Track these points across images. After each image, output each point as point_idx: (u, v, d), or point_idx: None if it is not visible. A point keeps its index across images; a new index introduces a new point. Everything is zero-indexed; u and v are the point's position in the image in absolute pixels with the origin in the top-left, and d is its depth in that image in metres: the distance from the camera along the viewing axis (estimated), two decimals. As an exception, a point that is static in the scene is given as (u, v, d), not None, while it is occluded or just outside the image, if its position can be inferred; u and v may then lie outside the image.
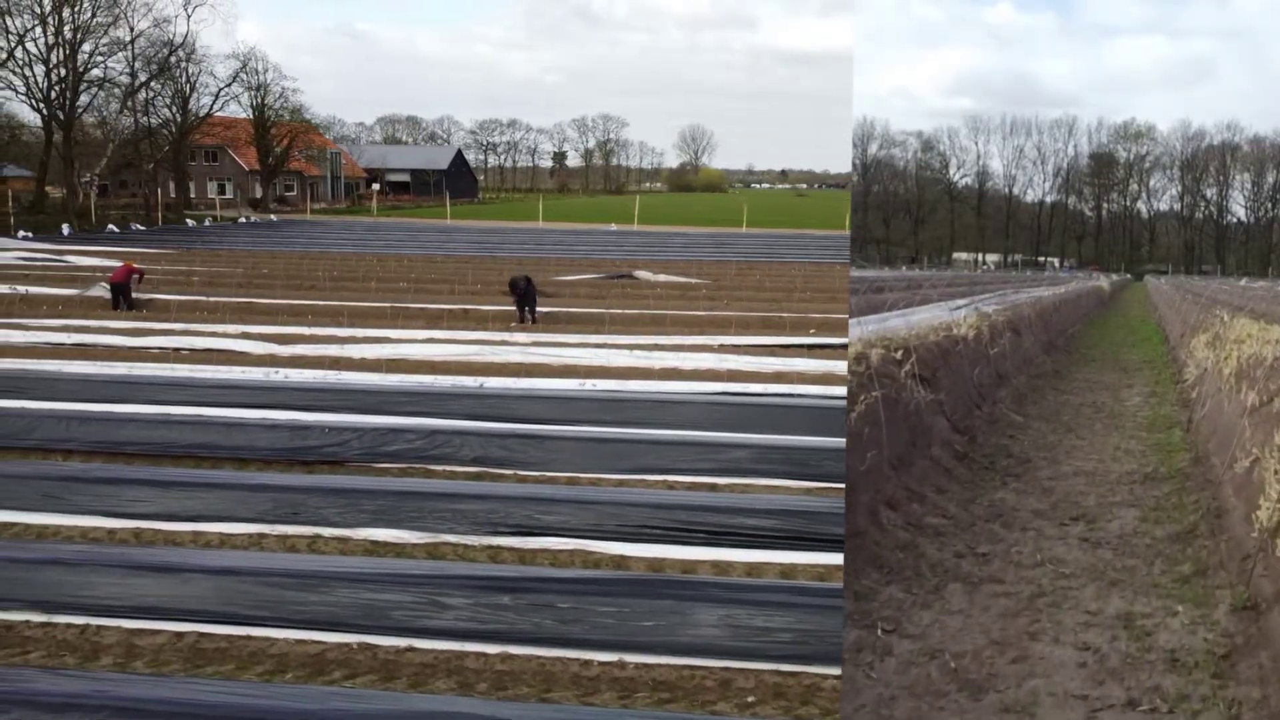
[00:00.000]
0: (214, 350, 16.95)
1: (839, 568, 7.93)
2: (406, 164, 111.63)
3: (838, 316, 21.87)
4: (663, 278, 30.80)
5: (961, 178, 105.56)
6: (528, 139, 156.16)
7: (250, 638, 6.90)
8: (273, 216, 69.49)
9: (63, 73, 54.93)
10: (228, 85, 69.32)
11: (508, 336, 18.68)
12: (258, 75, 74.87)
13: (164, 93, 63.72)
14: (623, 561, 8.33)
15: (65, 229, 46.69)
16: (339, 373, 14.97)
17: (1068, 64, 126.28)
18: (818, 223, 71.74)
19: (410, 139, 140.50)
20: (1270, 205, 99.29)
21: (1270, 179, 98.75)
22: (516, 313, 21.22)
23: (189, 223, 58.98)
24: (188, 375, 14.56)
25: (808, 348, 18.21)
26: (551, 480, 10.31)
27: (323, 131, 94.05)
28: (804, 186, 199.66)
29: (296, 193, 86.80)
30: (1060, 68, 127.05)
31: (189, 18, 72.34)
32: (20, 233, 43.89)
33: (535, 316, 21.12)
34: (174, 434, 11.27)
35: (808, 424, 11.93)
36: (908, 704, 4.79)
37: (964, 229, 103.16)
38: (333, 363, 15.74)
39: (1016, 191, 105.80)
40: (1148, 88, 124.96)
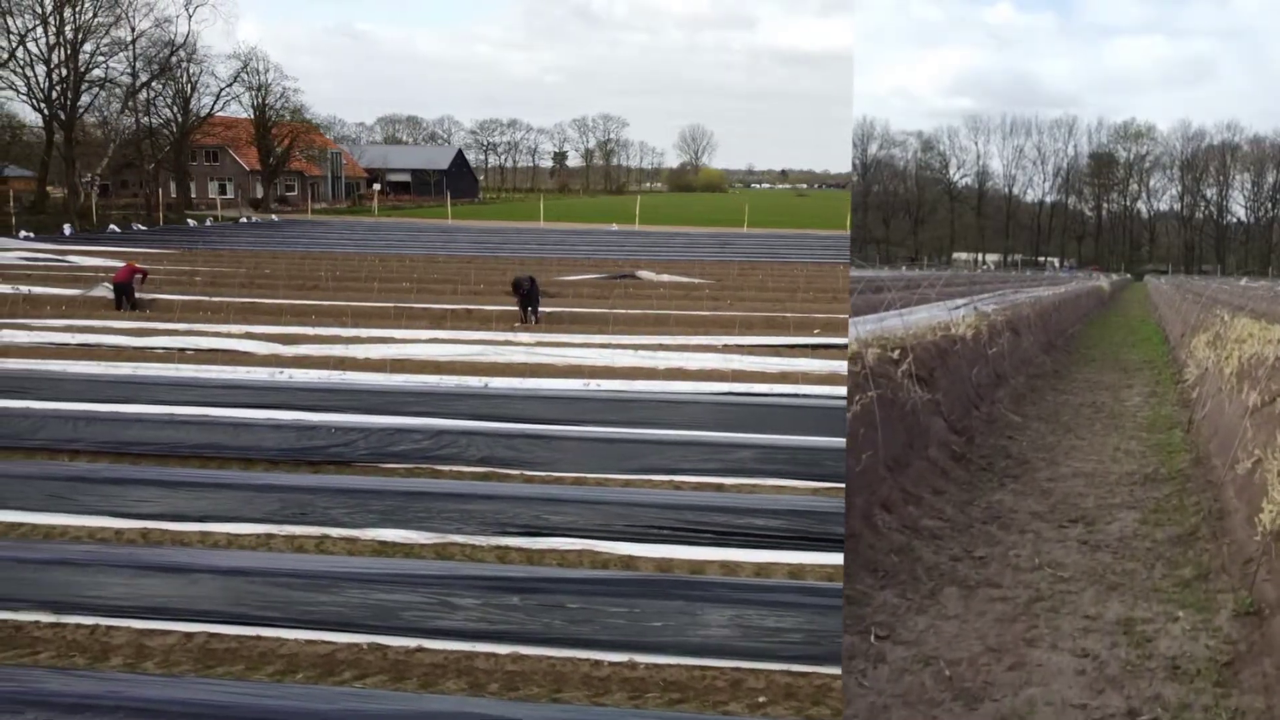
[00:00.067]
0: (218, 350, 16.95)
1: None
2: (407, 164, 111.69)
3: (841, 316, 21.86)
4: (665, 278, 30.77)
5: (961, 178, 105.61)
6: (528, 139, 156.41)
7: (260, 638, 6.90)
8: (274, 216, 69.47)
9: (64, 73, 54.97)
10: (229, 85, 69.53)
11: (511, 336, 18.67)
12: (259, 75, 75.00)
13: (165, 93, 63.87)
14: (631, 562, 8.33)
15: (67, 229, 46.66)
16: (343, 373, 14.97)
17: (1068, 64, 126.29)
18: (819, 223, 71.74)
19: (410, 139, 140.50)
20: (1270, 205, 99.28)
21: (1270, 179, 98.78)
22: (520, 313, 21.22)
23: (190, 223, 58.96)
24: (192, 375, 14.56)
25: (812, 348, 18.20)
26: (558, 480, 10.30)
27: (323, 132, 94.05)
28: (804, 186, 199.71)
29: (297, 193, 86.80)
30: (1060, 68, 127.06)
31: (190, 18, 72.38)
32: (22, 233, 43.88)
33: (538, 317, 21.11)
34: (180, 434, 11.27)
35: (813, 424, 11.91)
36: (901, 713, 4.70)
37: (964, 229, 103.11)
38: (337, 363, 15.74)
39: (1016, 191, 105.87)
40: (1148, 88, 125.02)
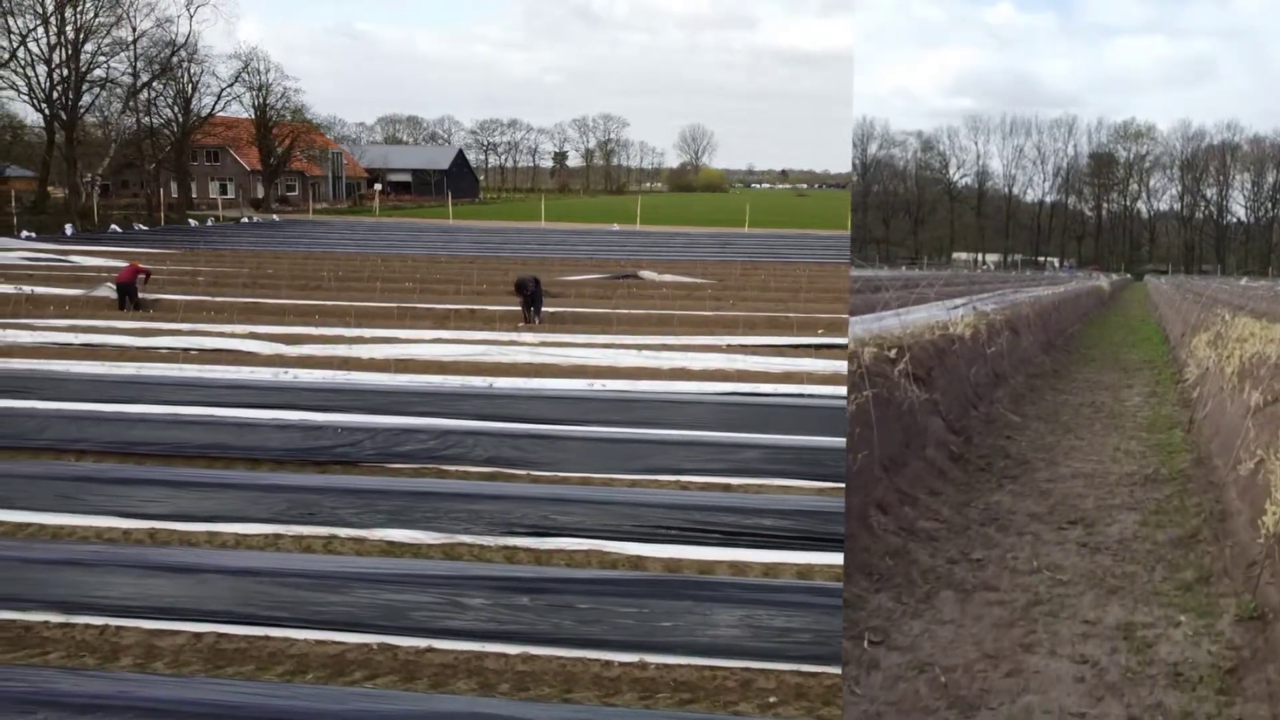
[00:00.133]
0: (222, 350, 16.95)
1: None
2: (408, 164, 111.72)
3: (844, 316, 21.86)
4: (668, 278, 30.76)
5: (961, 178, 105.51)
6: (528, 139, 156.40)
7: (270, 638, 6.89)
8: (275, 216, 69.48)
9: (65, 73, 54.98)
10: (230, 85, 69.57)
11: (515, 337, 18.67)
12: (260, 75, 75.04)
13: (166, 93, 63.97)
14: (639, 562, 8.33)
15: (68, 229, 46.65)
16: (348, 373, 14.96)
17: (1068, 64, 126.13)
18: (820, 223, 71.75)
19: (411, 139, 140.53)
20: (1270, 205, 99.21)
21: (1270, 179, 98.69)
22: (523, 313, 21.20)
23: (192, 223, 58.97)
24: (197, 375, 14.55)
25: (815, 348, 18.20)
26: (565, 481, 10.30)
27: (324, 132, 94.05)
28: (804, 186, 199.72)
29: (298, 193, 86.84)
30: (1060, 68, 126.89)
31: (191, 18, 72.53)
32: (23, 233, 43.89)
33: (541, 317, 21.10)
34: (186, 434, 11.26)
35: (818, 424, 11.91)
36: (894, 722, 4.57)
37: (964, 229, 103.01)
38: (341, 363, 15.74)
39: (1016, 191, 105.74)
40: (1148, 88, 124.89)
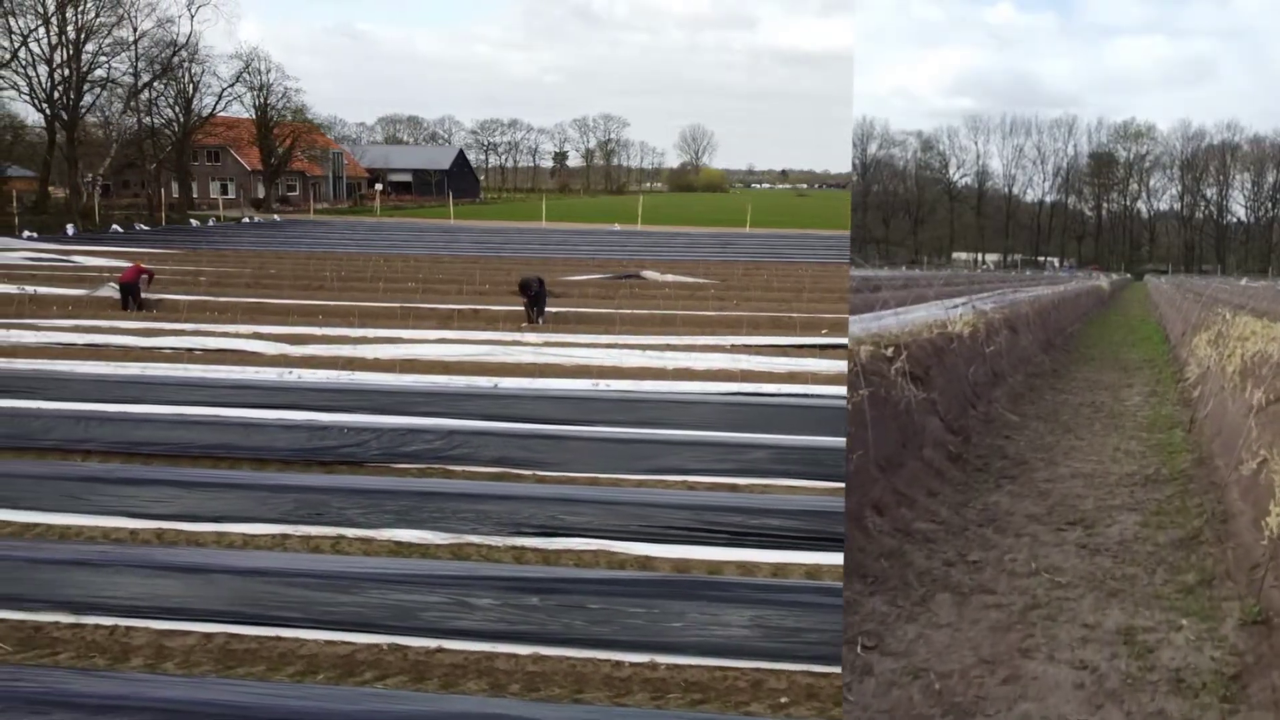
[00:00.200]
0: (226, 350, 16.95)
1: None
2: (408, 164, 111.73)
3: (847, 316, 21.85)
4: (670, 278, 30.75)
5: (961, 177, 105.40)
6: (528, 139, 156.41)
7: (280, 639, 6.89)
8: (276, 216, 69.48)
9: (66, 73, 54.96)
10: (231, 85, 69.55)
11: (519, 337, 18.66)
12: (260, 75, 75.04)
13: (167, 93, 63.99)
14: (648, 562, 8.33)
15: (70, 229, 46.65)
16: (352, 373, 14.97)
17: (1068, 64, 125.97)
18: (820, 223, 71.78)
19: (411, 139, 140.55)
20: (1270, 205, 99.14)
21: (1270, 179, 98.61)
22: (526, 313, 21.20)
23: (193, 223, 58.96)
24: (201, 375, 14.55)
25: (820, 348, 18.21)
26: (571, 481, 10.30)
27: (324, 132, 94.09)
28: (804, 186, 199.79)
29: (299, 193, 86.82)
30: (1060, 68, 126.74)
31: (192, 18, 72.38)
32: (25, 233, 43.90)
33: (544, 317, 21.10)
34: (192, 434, 11.26)
35: (823, 424, 11.91)
36: (888, 730, 4.49)
37: (963, 229, 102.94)
38: (346, 363, 15.73)
39: (1016, 191, 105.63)
40: (1148, 88, 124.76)
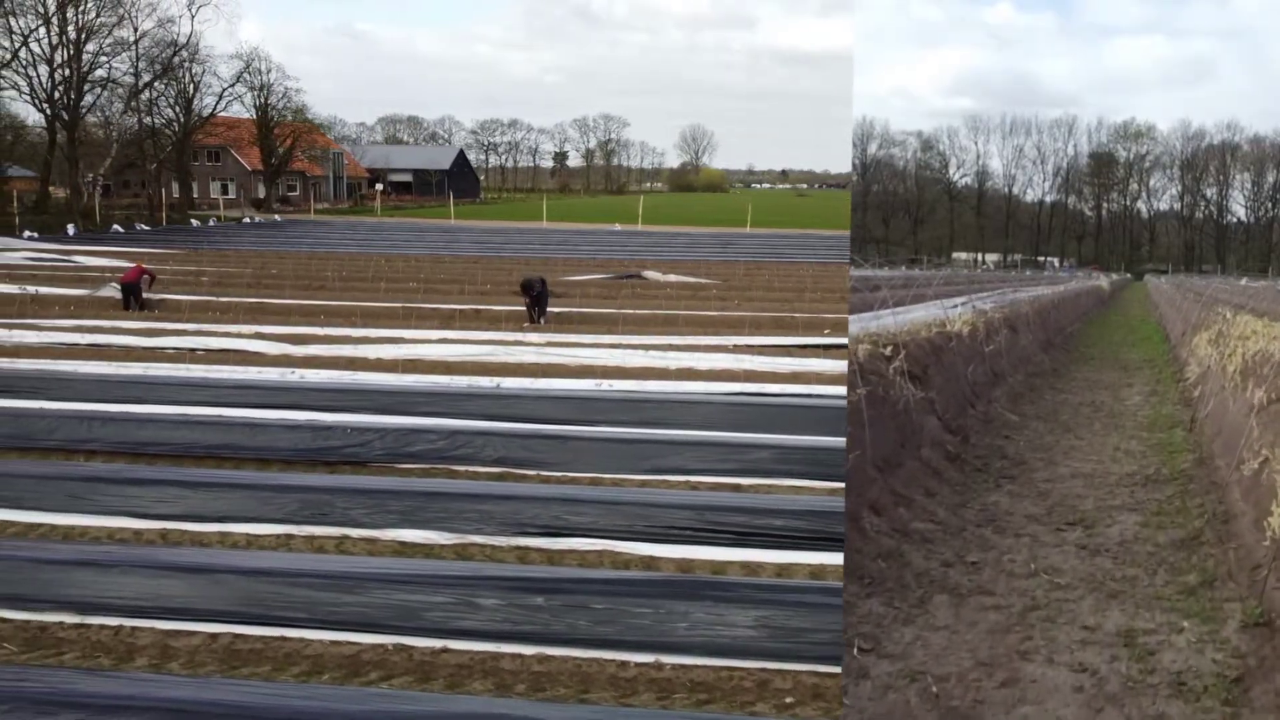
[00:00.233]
0: (229, 351, 16.95)
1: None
2: (409, 164, 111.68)
3: (848, 316, 21.85)
4: (672, 278, 30.74)
5: (961, 177, 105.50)
6: (529, 139, 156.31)
7: (285, 639, 6.89)
8: (276, 217, 69.46)
9: (67, 73, 54.98)
10: (231, 85, 69.55)
11: (522, 337, 18.66)
12: (261, 75, 75.01)
13: (168, 93, 64.00)
14: (652, 562, 8.33)
15: (70, 229, 46.64)
16: (355, 373, 14.97)
17: (1068, 64, 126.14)
18: (821, 223, 71.77)
19: (412, 139, 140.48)
20: (1270, 205, 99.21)
21: (1270, 179, 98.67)
22: (528, 313, 21.19)
23: (194, 223, 58.95)
24: (204, 376, 14.56)
25: (823, 348, 18.21)
26: (575, 481, 10.30)
27: (325, 132, 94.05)
28: (804, 186, 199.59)
29: (299, 193, 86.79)
30: (1060, 68, 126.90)
31: (193, 18, 72.31)
32: (26, 233, 43.89)
33: (546, 318, 21.09)
34: (195, 434, 11.27)
35: (826, 424, 11.89)
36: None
37: (963, 229, 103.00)
38: (348, 363, 15.74)
39: (1016, 191, 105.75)
40: (1148, 88, 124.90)
